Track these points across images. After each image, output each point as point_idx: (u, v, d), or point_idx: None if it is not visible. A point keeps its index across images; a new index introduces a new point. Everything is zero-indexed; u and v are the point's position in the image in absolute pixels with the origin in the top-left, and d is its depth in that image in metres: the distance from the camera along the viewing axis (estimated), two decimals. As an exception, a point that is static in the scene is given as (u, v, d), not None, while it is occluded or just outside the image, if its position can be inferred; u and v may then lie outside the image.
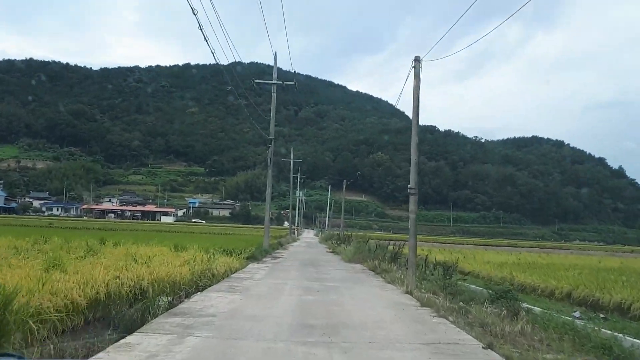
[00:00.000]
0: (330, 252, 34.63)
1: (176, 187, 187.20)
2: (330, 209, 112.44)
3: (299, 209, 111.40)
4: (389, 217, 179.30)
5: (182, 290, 12.23)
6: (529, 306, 12.11)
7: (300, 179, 78.18)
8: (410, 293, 13.42)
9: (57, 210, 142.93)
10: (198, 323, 8.38)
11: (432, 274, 16.81)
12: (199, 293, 12.23)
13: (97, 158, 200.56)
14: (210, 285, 13.48)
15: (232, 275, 16.19)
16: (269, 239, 30.23)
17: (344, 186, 58.29)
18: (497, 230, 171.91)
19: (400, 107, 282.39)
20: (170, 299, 11.11)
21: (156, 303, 10.38)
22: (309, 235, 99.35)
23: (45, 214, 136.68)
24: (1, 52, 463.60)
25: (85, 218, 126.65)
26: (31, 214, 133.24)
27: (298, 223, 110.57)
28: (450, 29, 13.27)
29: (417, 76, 14.90)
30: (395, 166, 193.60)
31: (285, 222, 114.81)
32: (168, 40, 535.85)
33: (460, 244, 71.06)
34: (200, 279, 13.68)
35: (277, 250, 31.70)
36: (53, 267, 11.89)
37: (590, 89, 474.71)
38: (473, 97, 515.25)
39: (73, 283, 9.71)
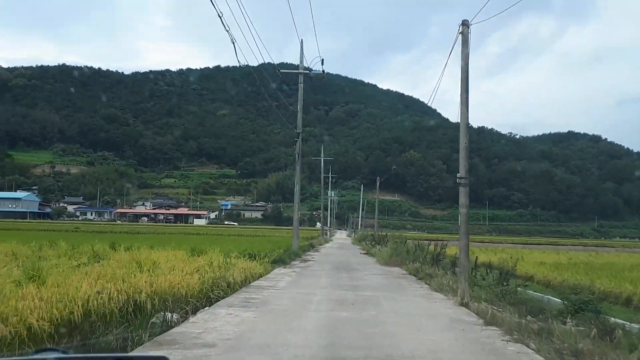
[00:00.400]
0: (364, 253, 32.23)
1: (208, 189, 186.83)
2: (363, 209, 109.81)
3: (331, 210, 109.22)
4: (423, 216, 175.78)
5: (189, 305, 10.03)
6: (621, 321, 9.52)
7: (331, 178, 75.93)
8: (466, 305, 10.94)
9: (91, 214, 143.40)
10: (187, 359, 6.10)
11: (484, 279, 14.35)
12: (206, 308, 10.00)
13: (130, 162, 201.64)
14: (223, 297, 11.25)
15: (253, 284, 13.95)
16: (299, 241, 27.98)
17: (378, 184, 55.71)
18: (535, 229, 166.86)
19: (432, 104, 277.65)
20: (171, 316, 8.92)
21: (148, 323, 8.25)
22: (341, 236, 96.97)
23: (80, 218, 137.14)
24: (35, 59, 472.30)
25: (118, 222, 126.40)
26: (65, 218, 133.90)
27: (330, 224, 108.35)
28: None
29: (465, 43, 12.41)
30: (428, 164, 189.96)
31: (318, 223, 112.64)
32: (198, 44, 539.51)
33: (499, 242, 67.73)
34: (212, 290, 11.47)
35: (308, 253, 29.46)
36: (30, 278, 9.83)
37: (625, 82, 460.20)
38: (505, 94, 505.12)
39: (39, 301, 7.60)
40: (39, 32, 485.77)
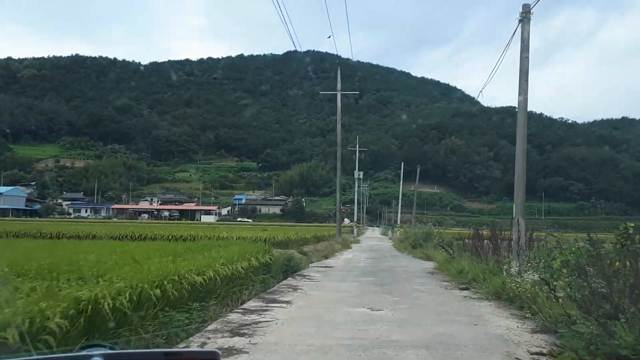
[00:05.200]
0: (473, 298, 11.12)
1: (226, 184, 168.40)
2: (408, 201, 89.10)
3: (361, 203, 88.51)
4: (467, 210, 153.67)
5: None
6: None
7: (360, 153, 55.64)
8: None
9: (86, 211, 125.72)
10: None
11: None
12: None
13: (142, 155, 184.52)
14: None
15: None
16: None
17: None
18: (600, 223, 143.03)
19: (472, 94, 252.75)
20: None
21: None
22: (373, 234, 76.24)
23: (72, 215, 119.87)
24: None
25: (115, 220, 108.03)
26: (56, 216, 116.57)
27: (360, 220, 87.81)
28: None
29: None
30: (472, 152, 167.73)
31: (346, 220, 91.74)
32: (221, 34, 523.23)
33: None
34: None
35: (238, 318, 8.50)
36: None
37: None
38: (546, 85, 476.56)
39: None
40: (73, 32, 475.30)
